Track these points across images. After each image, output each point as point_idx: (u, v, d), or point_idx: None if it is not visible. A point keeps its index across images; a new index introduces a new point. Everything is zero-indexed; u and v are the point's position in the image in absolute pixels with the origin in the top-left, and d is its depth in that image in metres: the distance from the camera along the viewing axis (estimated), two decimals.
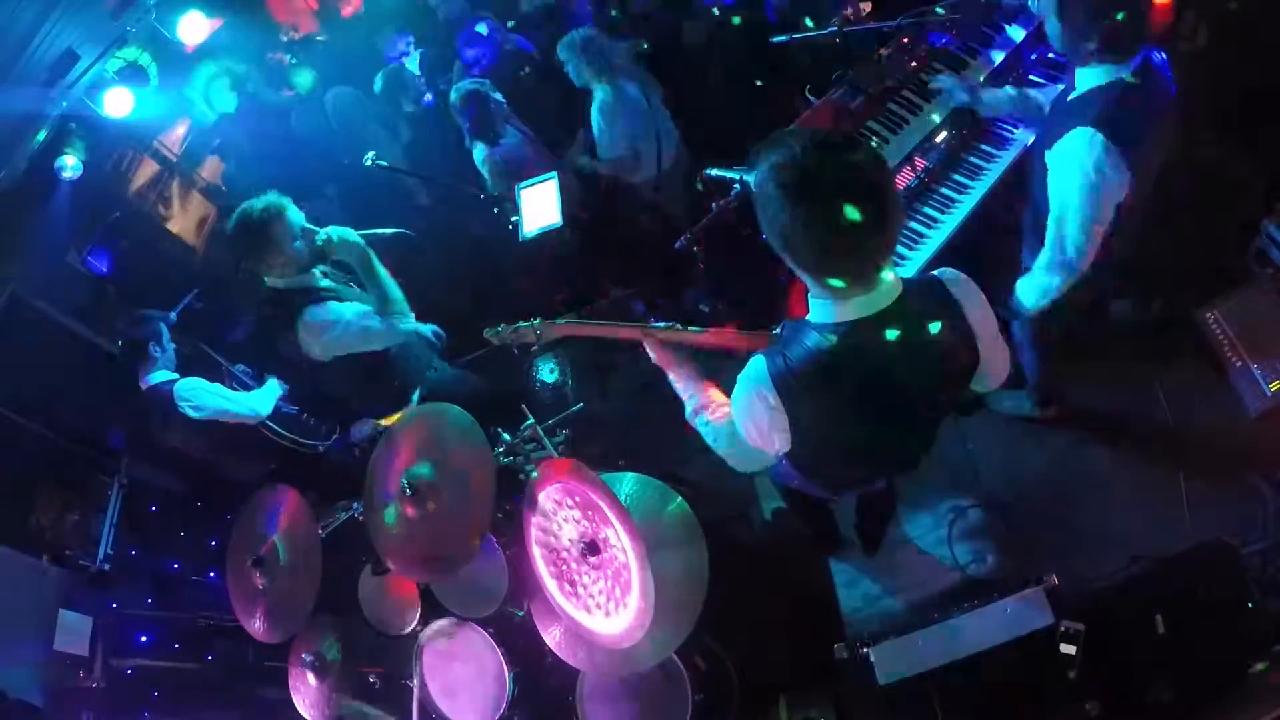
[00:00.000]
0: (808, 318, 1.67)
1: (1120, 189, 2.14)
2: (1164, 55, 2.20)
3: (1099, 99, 2.12)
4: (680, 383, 2.07)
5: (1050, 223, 2.28)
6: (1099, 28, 2.04)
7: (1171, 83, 2.20)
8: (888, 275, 1.60)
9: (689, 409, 2.03)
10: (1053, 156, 2.20)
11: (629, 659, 2.22)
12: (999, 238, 2.70)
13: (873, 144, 3.03)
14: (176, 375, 3.63)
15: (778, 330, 1.84)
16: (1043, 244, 2.51)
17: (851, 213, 1.45)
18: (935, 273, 1.73)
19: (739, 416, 1.78)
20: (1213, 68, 3.29)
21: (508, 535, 2.66)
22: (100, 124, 4.28)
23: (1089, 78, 2.16)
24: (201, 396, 3.55)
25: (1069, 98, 2.26)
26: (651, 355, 2.10)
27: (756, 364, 1.70)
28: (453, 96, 3.99)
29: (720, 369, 2.01)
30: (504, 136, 4.04)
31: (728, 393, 1.88)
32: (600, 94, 3.89)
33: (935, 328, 1.66)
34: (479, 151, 4.01)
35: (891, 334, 1.61)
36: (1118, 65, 2.10)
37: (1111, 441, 3.11)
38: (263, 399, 3.77)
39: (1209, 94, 3.26)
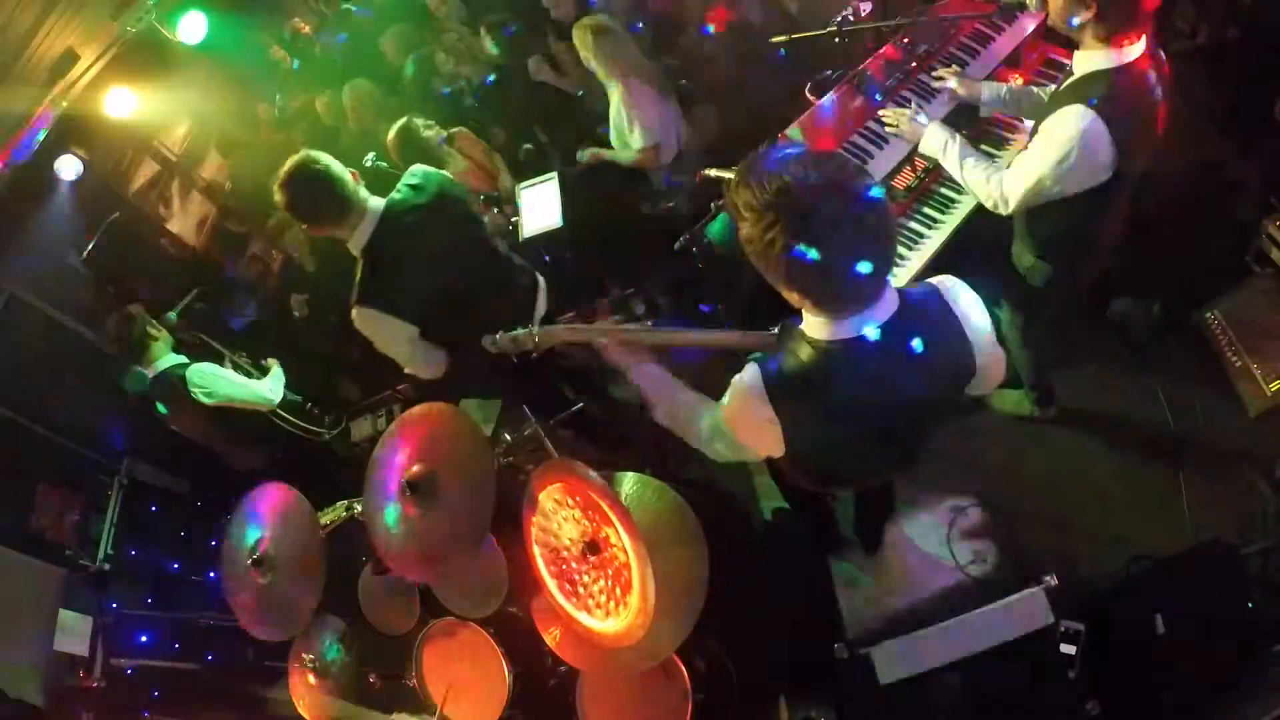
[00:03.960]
0: (803, 327, 1.65)
1: (1098, 171, 2.13)
2: (1163, 55, 2.20)
3: (1095, 82, 2.12)
4: (644, 380, 2.06)
5: (1015, 167, 2.27)
6: None
7: (1165, 79, 2.19)
8: (883, 289, 1.58)
9: (660, 406, 2.03)
10: (1044, 124, 2.19)
11: (629, 659, 2.22)
12: (997, 238, 2.70)
13: (873, 144, 3.05)
14: (185, 359, 3.65)
15: (775, 331, 1.83)
16: (1037, 240, 2.51)
17: (852, 247, 1.42)
18: (933, 280, 1.72)
19: (732, 422, 1.77)
20: (1212, 66, 3.30)
21: (507, 535, 2.66)
22: (100, 124, 4.29)
23: (1086, 63, 2.16)
24: (214, 383, 3.59)
25: (1066, 83, 2.26)
26: (612, 358, 2.09)
27: (751, 373, 1.68)
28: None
29: (718, 371, 2.00)
30: (446, 166, 4.02)
31: (715, 394, 1.88)
32: (617, 89, 3.83)
33: (933, 339, 1.65)
34: None
35: (888, 349, 1.59)
36: (1115, 50, 2.09)
37: (1111, 441, 3.11)
38: (273, 386, 3.81)
39: (1209, 93, 3.27)
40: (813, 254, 1.41)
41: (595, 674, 2.56)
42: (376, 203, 2.65)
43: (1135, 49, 2.09)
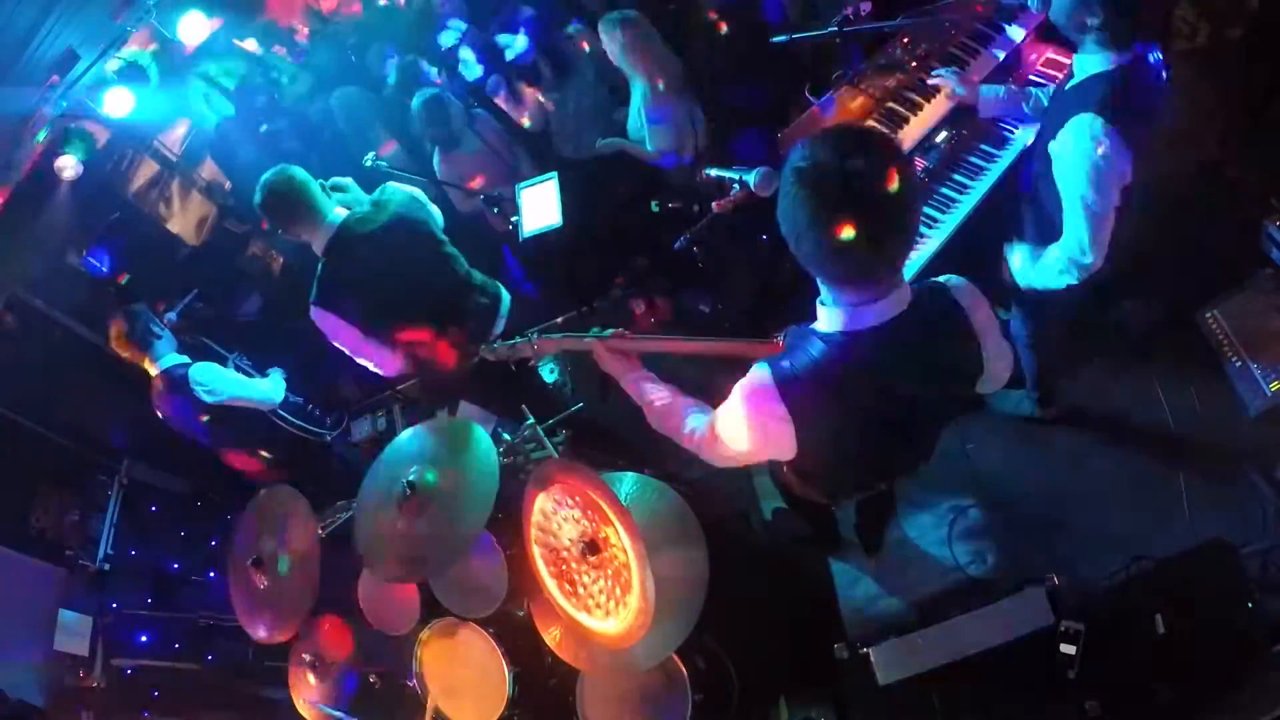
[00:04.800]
0: (814, 325, 1.66)
1: (1125, 173, 2.14)
2: (1160, 54, 2.20)
3: (1098, 85, 2.13)
4: (636, 386, 2.07)
5: (1067, 216, 2.28)
6: None
7: (1165, 80, 2.20)
8: (898, 283, 1.59)
9: (654, 413, 2.04)
10: (1056, 147, 2.20)
11: (629, 659, 2.22)
12: (1000, 237, 2.70)
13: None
14: (187, 359, 3.66)
15: (781, 337, 1.83)
16: (1041, 239, 2.51)
17: (858, 221, 1.42)
18: (941, 279, 1.72)
19: (739, 424, 1.75)
20: (1213, 67, 3.30)
21: (508, 535, 2.66)
22: (100, 124, 4.28)
23: (1087, 65, 2.17)
24: (216, 381, 3.60)
25: (1067, 86, 2.27)
26: (604, 365, 2.11)
27: (761, 372, 1.67)
28: (414, 102, 3.99)
29: (712, 375, 2.00)
30: (461, 144, 4.06)
31: (713, 402, 1.87)
32: (642, 85, 3.82)
33: (942, 336, 1.66)
34: (435, 156, 4.10)
35: (899, 343, 1.60)
36: (1116, 54, 2.10)
37: (1111, 441, 3.11)
38: (275, 386, 3.82)
39: (1210, 93, 3.27)
40: (824, 219, 1.43)
41: (595, 674, 2.56)
42: (338, 215, 2.96)
43: (1132, 50, 2.10)
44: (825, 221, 1.45)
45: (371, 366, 3.10)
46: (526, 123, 4.51)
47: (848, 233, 1.45)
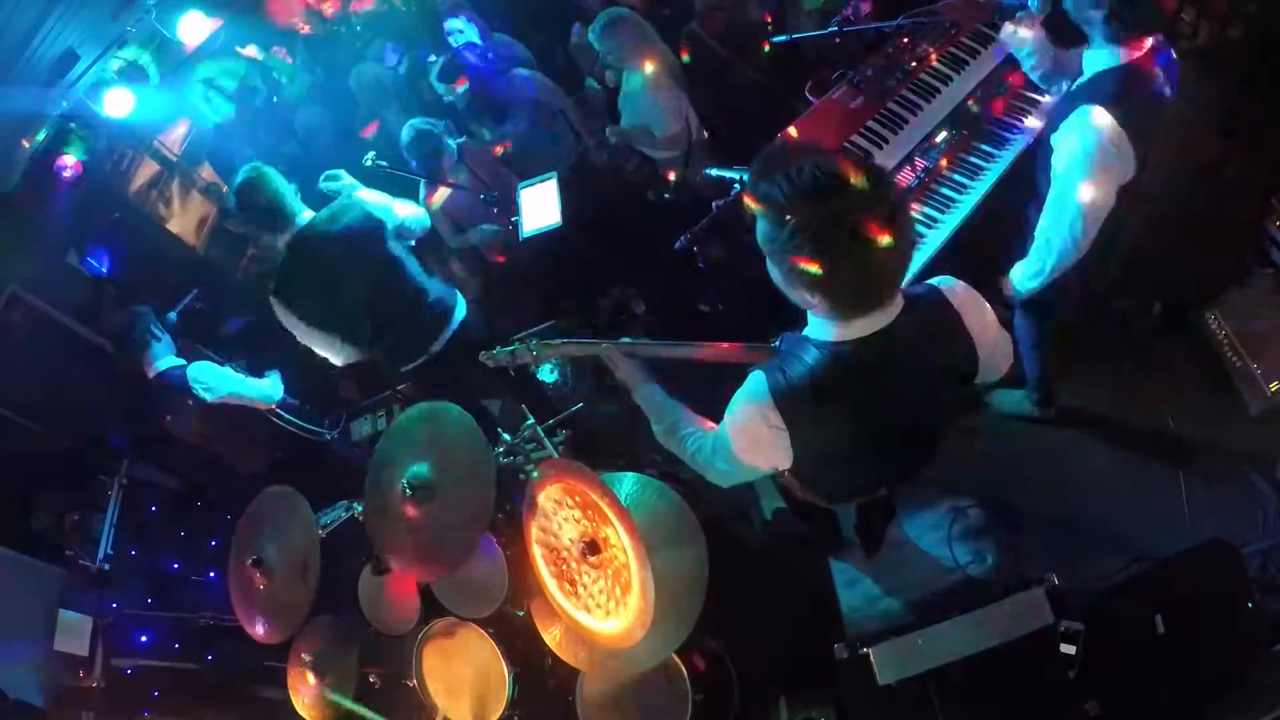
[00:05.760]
0: (807, 333, 1.65)
1: (1125, 170, 2.14)
2: (1171, 54, 2.20)
3: (1107, 80, 2.13)
4: (647, 399, 2.07)
5: (1050, 200, 2.27)
6: None
7: (1175, 81, 2.20)
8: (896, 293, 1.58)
9: (661, 426, 2.03)
10: (1058, 136, 2.20)
11: (629, 659, 2.22)
12: (1000, 237, 2.70)
13: (873, 144, 3.04)
14: (184, 361, 3.67)
15: (776, 344, 1.83)
16: None
17: (865, 264, 1.42)
18: (934, 281, 1.72)
19: (735, 435, 1.75)
20: (1213, 67, 3.30)
21: (508, 535, 2.66)
22: (100, 124, 4.28)
23: (1096, 61, 2.17)
24: (214, 379, 3.61)
25: (1076, 84, 2.27)
26: (617, 373, 2.11)
27: (756, 382, 1.67)
28: (404, 133, 3.94)
29: (713, 378, 1.99)
30: (448, 176, 4.04)
31: (715, 414, 1.87)
32: (640, 75, 3.81)
33: (935, 337, 1.65)
34: (421, 189, 4.05)
35: (893, 349, 1.59)
36: (1125, 49, 2.10)
37: (1111, 441, 3.11)
38: (273, 385, 3.83)
39: (1210, 93, 3.27)
40: (827, 261, 1.42)
41: (595, 674, 2.56)
42: (304, 218, 3.14)
43: (1143, 48, 2.10)
44: (823, 267, 1.42)
45: (320, 353, 3.29)
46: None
47: (837, 271, 1.43)
